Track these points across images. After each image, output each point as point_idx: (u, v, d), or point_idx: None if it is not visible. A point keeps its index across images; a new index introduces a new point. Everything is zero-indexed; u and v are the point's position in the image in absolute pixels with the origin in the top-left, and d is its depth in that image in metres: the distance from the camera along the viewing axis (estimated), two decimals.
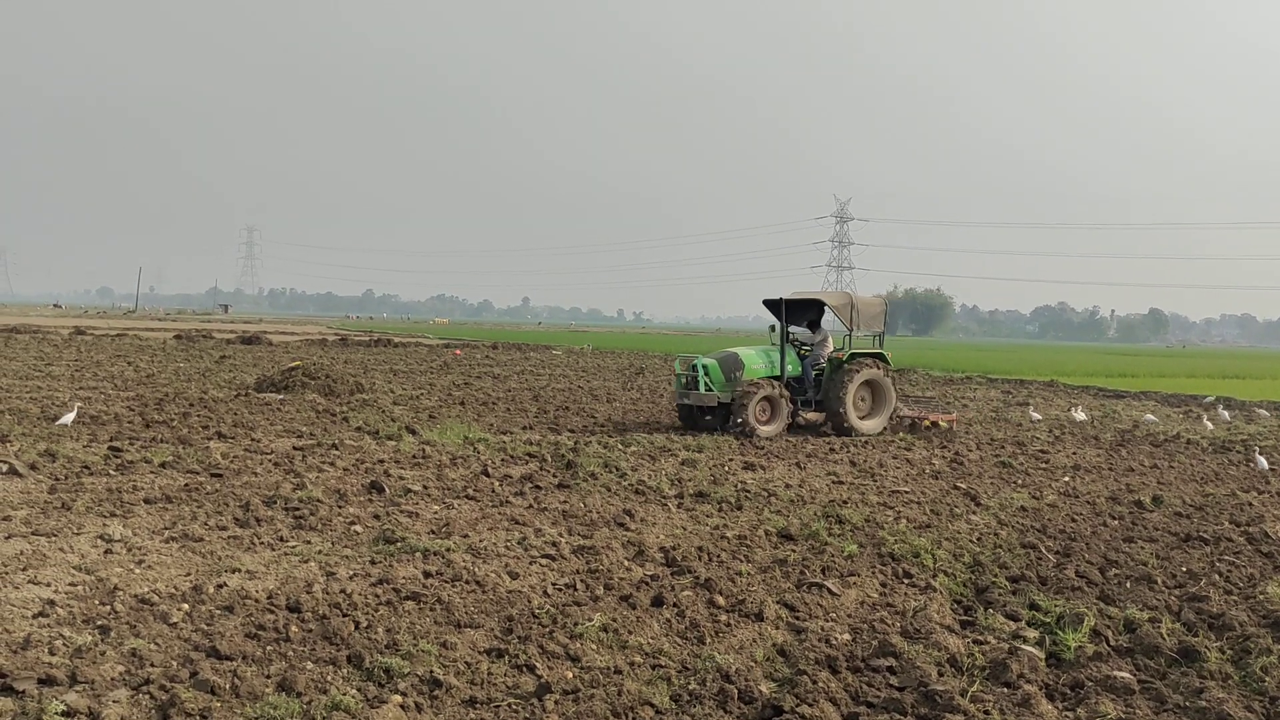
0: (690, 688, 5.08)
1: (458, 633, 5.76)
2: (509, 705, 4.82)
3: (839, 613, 6.56)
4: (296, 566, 7.02)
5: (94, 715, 4.42)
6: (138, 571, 6.77)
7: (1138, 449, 15.88)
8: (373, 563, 7.20)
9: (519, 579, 6.95)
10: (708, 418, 16.55)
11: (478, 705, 4.82)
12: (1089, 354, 72.82)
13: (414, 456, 12.21)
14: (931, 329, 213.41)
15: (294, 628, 5.66)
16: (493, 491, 10.13)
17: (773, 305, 16.97)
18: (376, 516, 8.75)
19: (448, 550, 7.52)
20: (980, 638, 6.13)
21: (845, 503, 10.23)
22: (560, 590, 6.72)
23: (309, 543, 7.73)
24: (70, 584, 6.41)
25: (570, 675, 5.19)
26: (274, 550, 7.49)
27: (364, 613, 5.99)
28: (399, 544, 7.66)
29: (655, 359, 42.92)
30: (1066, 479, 12.40)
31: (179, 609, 5.91)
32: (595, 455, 12.65)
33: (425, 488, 10.12)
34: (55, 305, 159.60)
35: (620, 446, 13.86)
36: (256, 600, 6.15)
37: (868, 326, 17.31)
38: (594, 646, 5.62)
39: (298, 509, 8.79)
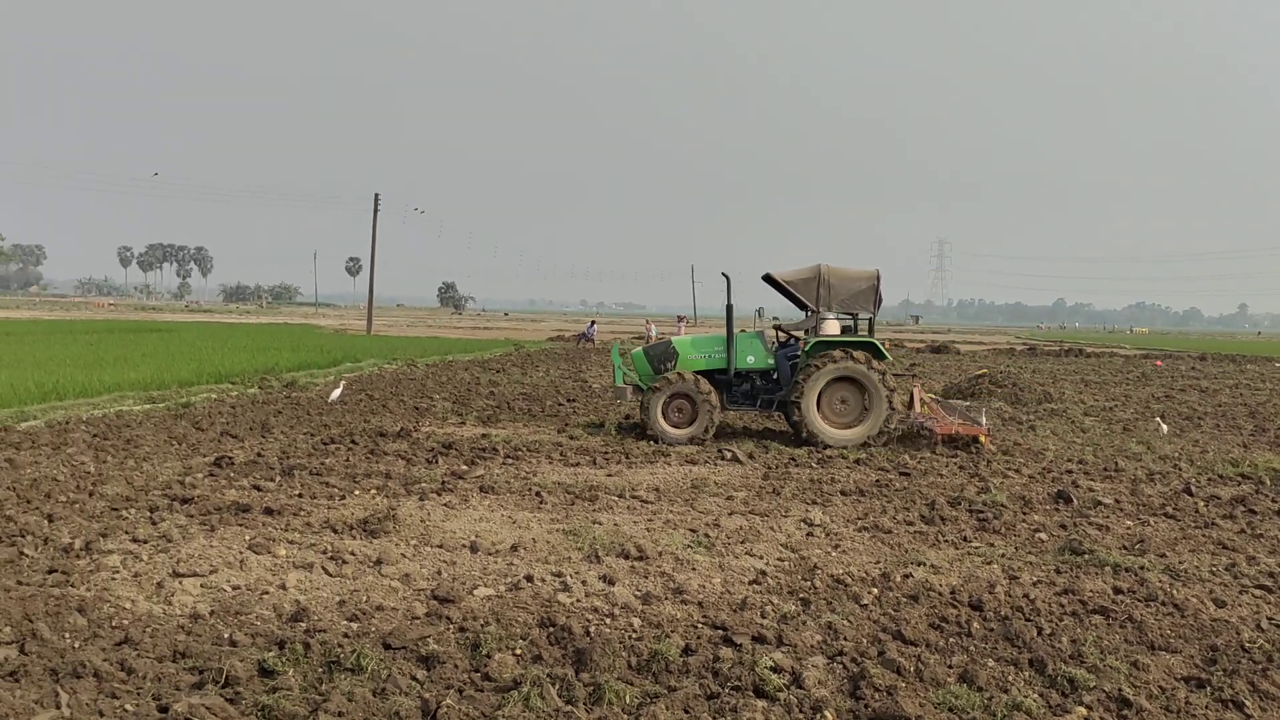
0: None
1: (1151, 654, 5.35)
2: None
3: None
4: (979, 566, 7.10)
5: (795, 674, 4.94)
6: (833, 554, 7.41)
7: None
8: (1058, 571, 6.99)
9: (1226, 608, 6.22)
10: None
11: None
12: None
13: (1104, 469, 11.57)
14: None
15: (975, 624, 5.74)
16: (1196, 511, 9.19)
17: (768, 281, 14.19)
18: (1063, 526, 8.47)
19: (1142, 568, 7.01)
20: None
21: None
22: (1279, 626, 5.88)
23: (992, 545, 7.77)
24: (778, 559, 7.24)
25: None
26: (957, 549, 7.66)
27: (1047, 620, 5.86)
28: (1087, 556, 7.33)
29: None
30: None
31: (869, 592, 6.34)
32: None
33: (1117, 501, 9.55)
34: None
35: None
36: (939, 593, 6.35)
37: (845, 307, 13.54)
38: None
39: (981, 511, 8.88)
